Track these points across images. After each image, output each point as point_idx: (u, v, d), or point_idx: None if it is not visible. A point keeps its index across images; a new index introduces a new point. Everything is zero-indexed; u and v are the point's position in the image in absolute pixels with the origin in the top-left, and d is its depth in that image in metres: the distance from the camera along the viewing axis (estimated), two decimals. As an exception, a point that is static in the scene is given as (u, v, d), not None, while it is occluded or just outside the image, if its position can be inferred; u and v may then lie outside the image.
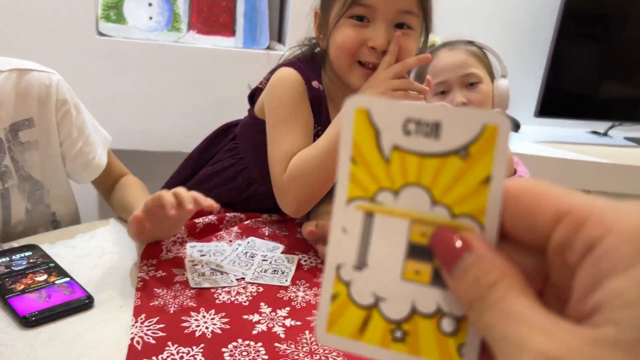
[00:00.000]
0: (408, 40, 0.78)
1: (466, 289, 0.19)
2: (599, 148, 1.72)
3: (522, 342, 0.17)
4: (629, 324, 0.16)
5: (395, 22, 0.78)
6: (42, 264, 0.65)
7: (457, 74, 1.11)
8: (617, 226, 0.17)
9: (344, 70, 0.81)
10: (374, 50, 0.77)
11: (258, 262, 0.74)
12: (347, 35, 0.78)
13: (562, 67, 1.64)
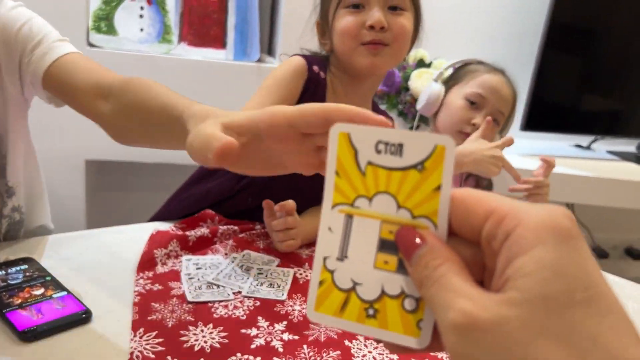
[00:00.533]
0: (401, 19, 0.86)
1: (419, 272, 0.25)
2: (582, 161, 1.76)
3: (450, 304, 0.23)
4: (525, 288, 0.22)
5: (387, 5, 0.86)
6: (39, 277, 0.65)
7: (496, 104, 1.17)
8: (525, 219, 0.23)
9: (350, 53, 0.87)
10: (372, 29, 0.84)
11: (254, 276, 0.74)
12: (347, 21, 0.86)
13: (548, 81, 1.68)
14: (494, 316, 0.22)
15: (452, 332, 0.23)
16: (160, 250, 0.77)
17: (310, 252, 0.85)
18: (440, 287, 0.24)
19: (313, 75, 0.89)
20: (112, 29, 1.41)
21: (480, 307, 0.22)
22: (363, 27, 0.84)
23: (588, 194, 1.64)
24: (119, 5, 1.41)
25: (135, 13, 1.42)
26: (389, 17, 0.85)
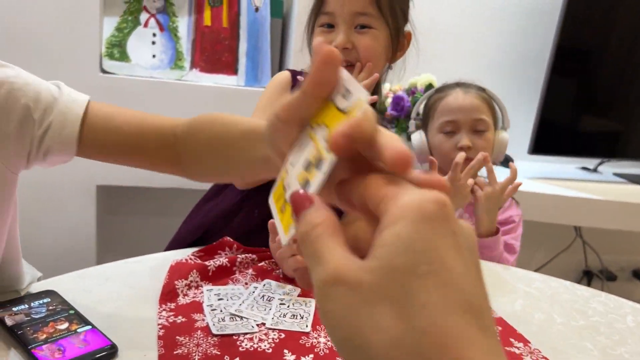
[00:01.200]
0: (367, 38, 0.91)
1: (301, 227, 0.28)
2: (589, 184, 1.77)
3: (321, 262, 0.26)
4: (380, 257, 0.25)
5: (355, 24, 0.91)
6: (62, 310, 0.65)
7: (469, 117, 1.15)
8: (400, 199, 0.26)
9: None
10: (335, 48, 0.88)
11: (276, 306, 0.74)
12: (318, 40, 0.94)
13: (555, 105, 1.70)
14: (353, 278, 0.25)
15: (318, 287, 0.26)
16: (181, 282, 0.77)
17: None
18: (315, 246, 0.27)
19: (298, 83, 0.94)
20: (125, 56, 1.42)
21: (345, 268, 0.26)
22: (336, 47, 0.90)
23: (595, 216, 1.64)
24: (132, 32, 1.43)
25: (148, 40, 1.43)
26: (355, 37, 0.91)
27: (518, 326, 0.77)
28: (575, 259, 2.00)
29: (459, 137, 1.15)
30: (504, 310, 0.82)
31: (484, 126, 1.15)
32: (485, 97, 1.18)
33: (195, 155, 0.61)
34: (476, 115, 1.14)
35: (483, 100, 1.17)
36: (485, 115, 1.15)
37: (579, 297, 0.91)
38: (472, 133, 1.15)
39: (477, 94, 1.17)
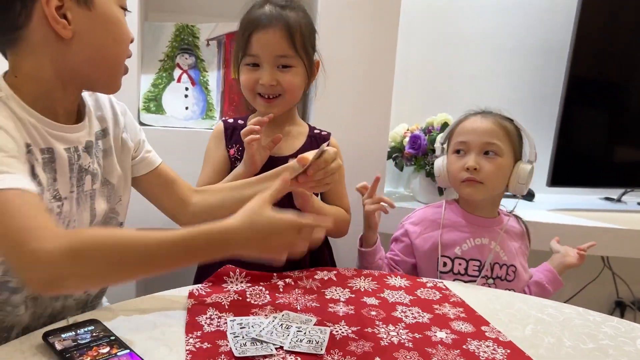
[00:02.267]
0: (289, 75, 1.10)
1: None
2: (613, 214, 1.78)
3: None
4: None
5: (277, 64, 1.09)
6: (104, 337, 0.73)
7: (479, 140, 1.17)
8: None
9: (251, 101, 1.15)
10: (263, 86, 1.09)
11: (293, 333, 0.80)
12: (246, 77, 1.11)
13: (571, 136, 1.73)
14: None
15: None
16: (202, 317, 0.84)
17: (348, 310, 0.90)
18: None
19: (229, 126, 1.18)
20: (160, 109, 1.55)
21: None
22: (257, 82, 1.09)
23: (622, 246, 1.64)
24: (166, 87, 1.56)
25: (181, 93, 1.57)
26: (278, 75, 1.08)
27: (527, 349, 0.81)
28: (606, 290, 1.98)
29: (467, 157, 1.18)
30: (514, 335, 0.86)
31: (494, 149, 1.16)
32: (505, 124, 1.19)
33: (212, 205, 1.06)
34: (487, 139, 1.17)
35: (500, 126, 1.18)
36: (498, 140, 1.17)
37: (590, 322, 0.93)
38: (481, 155, 1.18)
39: (496, 120, 1.19)
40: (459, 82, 1.85)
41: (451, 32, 1.81)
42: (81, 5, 0.76)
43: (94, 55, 0.80)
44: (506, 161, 1.18)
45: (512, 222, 1.26)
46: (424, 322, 0.88)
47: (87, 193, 0.87)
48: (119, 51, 0.83)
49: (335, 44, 1.53)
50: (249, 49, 1.08)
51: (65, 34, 0.76)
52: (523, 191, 1.22)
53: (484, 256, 1.21)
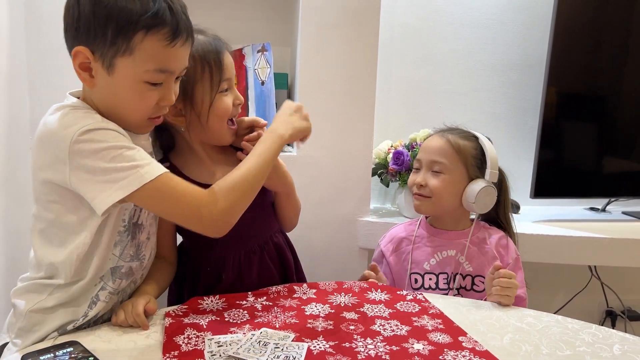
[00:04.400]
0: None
1: None
2: (598, 224, 1.79)
3: None
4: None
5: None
6: (82, 358, 0.74)
7: (428, 157, 1.25)
8: None
9: (222, 132, 1.05)
10: (239, 105, 1.07)
11: (271, 350, 0.81)
12: (227, 103, 1.04)
13: (553, 147, 1.75)
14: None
15: None
16: (179, 337, 0.85)
17: (327, 325, 0.91)
18: None
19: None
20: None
21: None
22: (233, 105, 1.05)
23: (608, 255, 1.65)
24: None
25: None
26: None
27: (505, 358, 0.82)
28: (596, 300, 1.98)
29: (419, 173, 1.27)
30: (492, 345, 0.87)
31: (439, 168, 1.23)
32: (459, 143, 1.23)
33: None
34: (434, 157, 1.24)
35: (452, 145, 1.23)
36: (444, 158, 1.23)
37: (569, 329, 0.94)
38: (429, 172, 1.25)
39: (448, 140, 1.23)
40: (440, 99, 1.88)
41: (431, 50, 1.85)
42: (104, 69, 0.82)
43: (112, 107, 0.86)
44: (453, 178, 1.23)
45: (489, 235, 1.27)
46: (402, 334, 0.89)
47: None
48: (132, 115, 0.87)
49: (317, 65, 1.57)
50: (224, 73, 1.02)
51: (88, 84, 0.85)
52: (479, 210, 1.23)
53: (451, 269, 1.24)
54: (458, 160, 1.23)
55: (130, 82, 0.83)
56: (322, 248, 1.64)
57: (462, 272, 1.23)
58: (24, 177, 1.35)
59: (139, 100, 0.85)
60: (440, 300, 1.07)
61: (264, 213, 1.14)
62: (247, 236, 1.10)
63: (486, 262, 1.23)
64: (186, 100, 1.01)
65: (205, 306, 0.98)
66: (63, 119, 0.81)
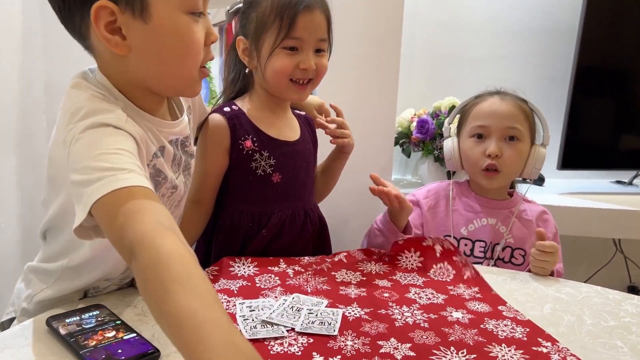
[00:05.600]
0: (323, 60, 1.04)
1: None
2: (624, 197, 1.75)
3: None
4: None
5: (315, 49, 1.01)
6: (110, 321, 0.71)
7: (502, 124, 1.13)
8: None
9: (281, 89, 1.04)
10: (305, 70, 1.00)
11: (305, 315, 0.78)
12: (285, 62, 0.99)
13: (581, 119, 1.70)
14: None
15: None
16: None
17: (360, 292, 0.88)
18: None
19: (232, 119, 1.02)
20: (163, 98, 1.53)
21: None
22: (297, 67, 1.00)
23: (634, 228, 1.61)
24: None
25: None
26: (316, 59, 1.01)
27: (547, 328, 0.78)
28: (619, 275, 1.95)
29: (488, 143, 1.14)
30: (532, 315, 0.83)
31: (516, 134, 1.12)
32: (524, 107, 1.14)
33: None
34: (509, 123, 1.12)
35: (520, 109, 1.14)
36: (519, 124, 1.12)
37: (610, 300, 0.91)
38: (502, 141, 1.13)
39: (515, 103, 1.14)
40: (465, 66, 1.82)
41: (457, 16, 1.78)
42: (137, 18, 0.66)
43: (156, 70, 0.72)
44: (526, 146, 1.15)
45: (529, 207, 1.22)
46: (439, 302, 0.86)
47: (190, 173, 0.92)
48: (185, 65, 0.73)
49: (340, 30, 1.50)
50: (293, 31, 0.97)
51: (120, 51, 0.68)
52: (535, 175, 1.18)
53: (490, 238, 1.17)
54: (527, 125, 1.15)
55: (174, 17, 0.69)
56: (343, 217, 1.60)
57: (502, 243, 1.17)
58: (39, 140, 1.31)
59: (189, 39, 0.71)
60: (474, 269, 1.03)
61: (311, 182, 1.14)
62: (295, 197, 1.08)
63: (527, 234, 1.17)
64: (254, 41, 1.02)
65: (237, 270, 0.94)
66: None
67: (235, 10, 1.07)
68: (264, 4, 0.99)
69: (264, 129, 1.04)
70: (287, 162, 1.05)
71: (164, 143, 0.80)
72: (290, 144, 1.07)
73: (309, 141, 1.13)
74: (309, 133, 1.15)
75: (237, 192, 1.05)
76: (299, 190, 1.08)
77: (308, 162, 1.11)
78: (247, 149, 1.02)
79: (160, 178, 0.81)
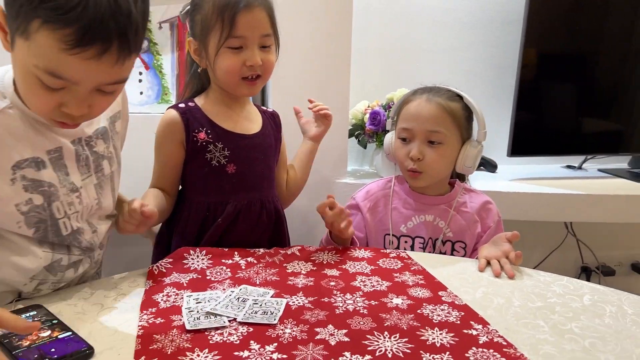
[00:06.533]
0: (270, 55, 1.06)
1: None
2: (575, 181, 1.80)
3: None
4: None
5: (260, 45, 1.03)
6: (46, 321, 0.71)
7: (424, 128, 1.13)
8: None
9: (232, 87, 1.07)
10: (252, 67, 1.03)
11: (249, 305, 0.79)
12: (232, 61, 1.03)
13: (530, 105, 1.74)
14: None
15: None
16: (158, 295, 0.82)
17: (307, 282, 0.89)
18: None
19: (185, 113, 1.07)
20: (114, 95, 1.51)
21: None
22: (244, 65, 1.02)
23: (584, 211, 1.66)
24: (119, 73, 1.52)
25: (135, 78, 1.53)
26: (262, 55, 1.03)
27: (479, 311, 0.81)
28: (572, 257, 2.01)
29: (412, 145, 1.16)
30: (467, 298, 0.86)
31: (438, 138, 1.13)
32: (450, 107, 1.14)
33: None
34: (431, 127, 1.13)
35: (446, 110, 1.13)
36: (443, 127, 1.13)
37: (541, 282, 0.94)
38: (425, 144, 1.14)
39: (440, 104, 1.13)
40: (418, 58, 1.85)
41: (409, 8, 1.81)
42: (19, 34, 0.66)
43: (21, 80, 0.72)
44: (451, 147, 1.16)
45: (471, 198, 1.22)
46: (382, 289, 0.88)
47: (107, 177, 0.91)
48: (32, 107, 0.74)
49: (291, 24, 1.51)
50: (235, 30, 1.00)
51: (5, 46, 0.70)
52: (470, 172, 1.20)
53: (428, 234, 1.19)
54: (454, 126, 1.14)
55: (23, 69, 0.68)
56: (299, 211, 1.61)
57: (442, 238, 1.19)
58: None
59: (31, 94, 0.71)
60: (422, 257, 1.05)
61: (270, 174, 1.16)
62: (251, 188, 1.11)
63: (467, 227, 1.18)
64: (201, 42, 1.05)
65: (190, 263, 0.95)
66: None
67: (186, 12, 1.10)
68: (206, 6, 1.02)
69: (219, 122, 1.08)
70: (243, 154, 1.09)
71: (61, 143, 0.80)
72: (246, 137, 1.10)
73: (270, 136, 1.16)
74: (272, 128, 1.18)
75: (194, 183, 1.10)
76: (255, 182, 1.11)
77: (266, 155, 1.14)
78: (200, 141, 1.06)
79: (46, 187, 0.79)
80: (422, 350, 0.68)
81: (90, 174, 0.86)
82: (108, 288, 0.86)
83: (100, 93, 0.71)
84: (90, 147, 0.86)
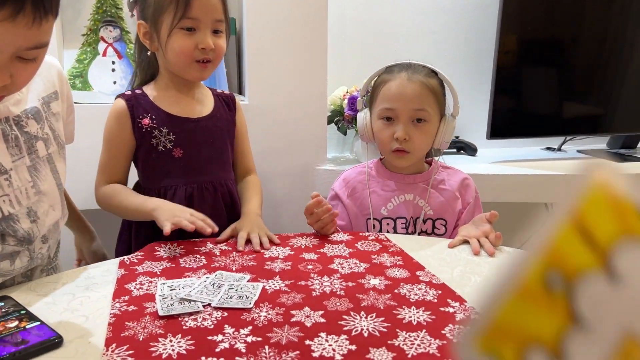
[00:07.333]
0: (221, 41, 1.07)
1: None
2: (554, 162, 1.81)
3: None
4: None
5: (212, 29, 1.05)
6: (14, 312, 0.69)
7: (409, 107, 1.11)
8: None
9: (184, 69, 1.07)
10: (204, 50, 1.03)
11: (225, 291, 0.78)
12: (184, 43, 1.03)
13: (507, 90, 1.75)
14: None
15: None
16: (131, 284, 0.81)
17: (285, 266, 0.88)
18: None
19: (131, 100, 1.09)
20: (87, 85, 1.48)
21: None
22: (196, 48, 1.03)
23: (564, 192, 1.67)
24: (92, 62, 1.49)
25: (108, 67, 1.50)
26: (213, 40, 1.04)
27: (457, 289, 0.81)
28: (552, 238, 2.03)
29: (396, 126, 1.14)
30: (445, 277, 0.86)
31: (423, 116, 1.13)
32: (431, 84, 1.14)
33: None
34: (416, 106, 1.12)
35: (427, 88, 1.13)
36: (427, 105, 1.12)
37: (521, 259, 0.94)
38: (410, 123, 1.13)
39: (422, 82, 1.13)
40: (397, 42, 1.84)
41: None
42: None
43: None
44: (434, 124, 1.15)
45: (448, 176, 1.22)
46: (360, 271, 0.88)
47: (43, 158, 0.87)
48: None
49: (264, 8, 1.49)
50: (189, 11, 1.01)
51: None
52: (445, 147, 1.20)
53: (409, 213, 1.18)
54: (435, 103, 1.14)
55: None
56: (280, 199, 1.60)
57: (422, 216, 1.18)
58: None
59: None
60: (401, 238, 1.05)
61: (221, 158, 1.16)
62: (201, 172, 1.11)
63: (447, 204, 1.18)
64: (153, 24, 1.05)
65: (162, 253, 0.93)
66: None
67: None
68: None
69: (165, 107, 1.09)
70: (189, 137, 1.10)
71: None
72: (192, 120, 1.11)
73: (221, 119, 1.16)
74: (225, 111, 1.17)
75: (144, 169, 1.11)
76: (204, 165, 1.12)
77: (215, 138, 1.14)
78: (145, 127, 1.08)
79: None
80: (398, 328, 0.68)
81: (22, 155, 0.82)
82: (80, 278, 0.84)
83: (20, 60, 0.68)
84: (20, 127, 0.82)
